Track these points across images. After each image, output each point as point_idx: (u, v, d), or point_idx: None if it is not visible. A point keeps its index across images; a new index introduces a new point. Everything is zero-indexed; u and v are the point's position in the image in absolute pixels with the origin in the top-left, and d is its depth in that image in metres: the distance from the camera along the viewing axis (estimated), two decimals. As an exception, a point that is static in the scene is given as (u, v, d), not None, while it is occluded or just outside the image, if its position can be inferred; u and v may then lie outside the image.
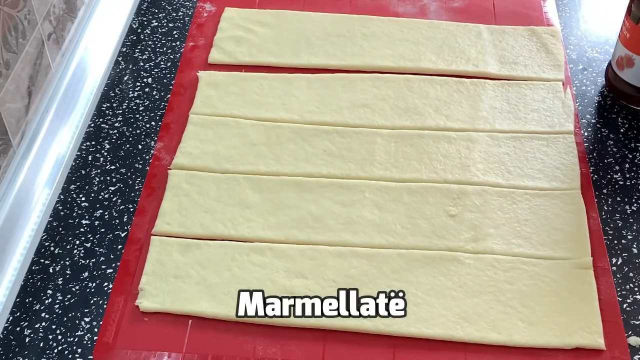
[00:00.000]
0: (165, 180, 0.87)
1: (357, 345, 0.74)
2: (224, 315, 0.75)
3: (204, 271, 0.78)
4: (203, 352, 0.73)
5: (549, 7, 1.09)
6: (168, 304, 0.76)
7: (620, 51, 0.94)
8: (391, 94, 0.96)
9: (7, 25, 0.83)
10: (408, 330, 0.74)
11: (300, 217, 0.83)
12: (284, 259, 0.79)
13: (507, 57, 1.01)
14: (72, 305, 0.77)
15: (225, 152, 0.90)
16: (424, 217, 0.83)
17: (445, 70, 0.99)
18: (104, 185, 0.88)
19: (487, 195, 0.85)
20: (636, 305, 0.77)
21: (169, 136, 0.92)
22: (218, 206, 0.84)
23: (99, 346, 0.73)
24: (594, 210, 0.84)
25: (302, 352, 0.73)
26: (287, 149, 0.90)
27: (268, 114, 0.94)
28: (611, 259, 0.81)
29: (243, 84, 0.98)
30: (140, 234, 0.83)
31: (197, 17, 1.08)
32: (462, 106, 0.95)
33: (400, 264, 0.79)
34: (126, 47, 1.05)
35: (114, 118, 0.96)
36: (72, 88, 0.98)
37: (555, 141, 0.91)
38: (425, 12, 1.09)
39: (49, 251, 0.82)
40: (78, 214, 0.85)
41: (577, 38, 1.06)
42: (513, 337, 0.73)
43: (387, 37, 1.04)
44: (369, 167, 0.88)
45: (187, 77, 1.00)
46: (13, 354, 0.74)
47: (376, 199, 0.85)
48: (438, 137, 0.91)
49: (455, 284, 0.77)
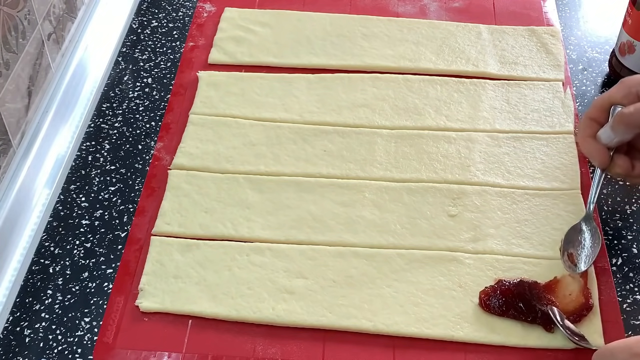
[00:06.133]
0: (165, 180, 0.87)
1: (357, 345, 0.74)
2: (224, 315, 0.75)
3: (204, 271, 0.79)
4: (203, 352, 0.73)
5: (549, 7, 1.09)
6: (168, 304, 0.76)
7: (623, 37, 0.96)
8: (391, 94, 0.96)
9: (7, 25, 0.83)
10: (408, 330, 0.74)
11: (300, 217, 0.83)
12: (283, 259, 0.79)
13: (507, 57, 1.01)
14: (72, 305, 0.77)
15: (225, 152, 0.90)
16: (424, 217, 0.83)
17: (445, 70, 0.99)
18: (104, 185, 0.88)
19: (487, 195, 0.85)
20: (636, 305, 0.77)
21: (169, 136, 0.92)
22: (218, 206, 0.84)
23: (99, 346, 0.73)
24: (594, 210, 0.84)
25: (302, 352, 0.73)
26: (287, 149, 0.90)
27: (268, 114, 0.94)
28: (611, 259, 0.81)
29: (243, 84, 0.98)
30: (140, 234, 0.83)
31: (197, 17, 1.08)
32: (462, 106, 0.95)
33: (400, 264, 0.79)
34: (126, 47, 1.05)
35: (114, 118, 0.96)
36: (72, 88, 0.98)
37: (555, 141, 0.91)
38: (425, 12, 1.09)
39: (49, 251, 0.82)
40: (78, 214, 0.85)
41: (577, 38, 1.06)
42: (513, 337, 0.73)
43: (387, 37, 1.04)
44: (369, 167, 0.88)
45: (187, 77, 1.00)
46: (13, 354, 0.74)
47: (376, 199, 0.85)
48: (438, 137, 0.91)
49: (455, 284, 0.77)
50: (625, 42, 0.95)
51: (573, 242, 0.78)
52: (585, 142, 0.79)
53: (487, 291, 0.75)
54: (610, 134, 0.76)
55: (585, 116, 0.80)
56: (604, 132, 0.77)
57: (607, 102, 0.78)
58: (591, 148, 0.78)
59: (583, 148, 0.79)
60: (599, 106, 0.79)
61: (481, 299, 0.75)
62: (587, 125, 0.79)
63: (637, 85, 0.77)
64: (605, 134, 0.77)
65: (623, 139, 0.77)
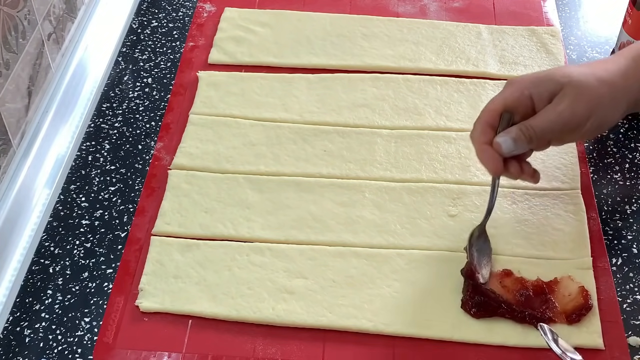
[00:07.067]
0: (165, 180, 0.87)
1: (357, 345, 0.74)
2: (224, 315, 0.75)
3: (204, 271, 0.79)
4: (203, 352, 0.73)
5: (549, 7, 1.09)
6: (168, 304, 0.76)
7: (623, 37, 0.96)
8: (391, 94, 0.96)
9: (7, 25, 0.83)
10: (408, 330, 0.74)
11: (300, 217, 0.83)
12: (283, 259, 0.79)
13: (507, 57, 1.01)
14: (72, 305, 0.77)
15: (225, 152, 0.90)
16: (424, 217, 0.83)
17: (445, 70, 0.99)
18: (104, 185, 0.88)
19: (487, 196, 0.85)
20: (636, 305, 0.77)
21: (169, 136, 0.92)
22: (218, 206, 0.84)
23: (99, 346, 0.73)
24: (594, 210, 0.84)
25: (302, 352, 0.73)
26: (287, 149, 0.90)
27: (268, 114, 0.94)
28: (611, 259, 0.81)
29: (243, 84, 0.98)
30: (140, 234, 0.83)
31: (197, 17, 1.08)
32: (462, 106, 0.95)
33: (400, 264, 0.79)
34: (126, 47, 1.05)
35: (114, 118, 0.96)
36: (72, 88, 0.98)
37: (555, 141, 0.91)
38: (425, 12, 1.09)
39: (49, 251, 0.82)
40: (78, 214, 0.85)
41: (577, 38, 1.06)
42: (512, 337, 0.73)
43: (387, 37, 1.04)
44: (369, 167, 0.88)
45: (187, 77, 1.00)
46: (13, 354, 0.74)
47: (376, 199, 0.85)
48: (438, 137, 0.91)
49: (455, 284, 0.77)
50: (625, 42, 0.95)
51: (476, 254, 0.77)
52: (482, 150, 0.76)
53: (466, 301, 0.75)
54: (511, 146, 0.75)
55: (481, 120, 0.77)
56: (504, 142, 0.75)
57: (501, 107, 0.76)
58: (487, 156, 0.76)
59: (479, 155, 0.77)
60: (493, 110, 0.76)
61: (467, 309, 0.75)
62: (483, 131, 0.76)
63: (529, 87, 0.75)
64: (506, 144, 0.75)
65: (522, 151, 0.76)
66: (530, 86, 0.76)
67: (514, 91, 0.76)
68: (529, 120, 0.75)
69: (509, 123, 0.76)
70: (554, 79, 0.75)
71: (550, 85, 0.75)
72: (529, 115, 0.76)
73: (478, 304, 0.74)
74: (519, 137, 0.74)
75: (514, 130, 0.75)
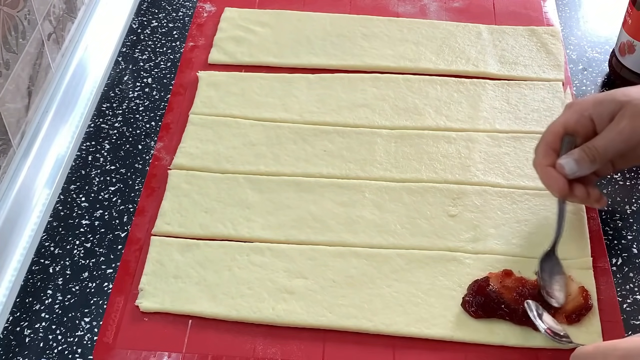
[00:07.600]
0: (165, 180, 0.87)
1: (357, 345, 0.74)
2: (224, 315, 0.75)
3: (204, 271, 0.79)
4: (203, 352, 0.73)
5: (549, 7, 1.09)
6: (168, 304, 0.76)
7: (623, 37, 0.96)
8: (391, 94, 0.96)
9: (7, 25, 0.83)
10: (408, 330, 0.74)
11: (300, 217, 0.83)
12: (284, 259, 0.79)
13: (507, 57, 1.01)
14: (72, 305, 0.77)
15: (225, 152, 0.90)
16: (424, 217, 0.83)
17: (445, 70, 0.99)
18: (104, 185, 0.88)
19: (487, 195, 0.85)
20: (636, 305, 0.77)
21: (169, 136, 0.92)
22: (218, 206, 0.84)
23: (99, 346, 0.73)
24: (594, 210, 0.84)
25: (302, 352, 0.73)
26: (287, 149, 0.90)
27: (268, 114, 0.94)
28: (611, 259, 0.81)
29: (243, 84, 0.98)
30: (140, 234, 0.83)
31: (197, 17, 1.08)
32: (462, 106, 0.95)
33: (400, 264, 0.79)
34: (126, 47, 1.05)
35: (114, 118, 0.96)
36: (72, 88, 0.98)
37: (555, 141, 0.91)
38: (425, 12, 1.09)
39: (49, 251, 0.82)
40: (78, 214, 0.85)
41: (577, 38, 1.06)
42: (512, 338, 0.73)
43: (387, 37, 1.04)
44: (369, 167, 0.88)
45: (187, 77, 1.00)
46: (13, 354, 0.74)
47: (376, 199, 0.85)
48: (438, 137, 0.91)
49: (455, 284, 0.77)
50: (625, 42, 0.95)
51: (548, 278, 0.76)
52: (545, 172, 0.77)
53: (467, 300, 0.75)
54: (574, 167, 0.75)
55: (542, 144, 0.78)
56: (567, 163, 0.75)
57: (562, 129, 0.77)
58: (551, 178, 0.76)
59: (543, 177, 0.78)
60: (555, 133, 0.77)
61: (467, 310, 0.75)
62: (545, 154, 0.77)
63: (589, 109, 0.76)
64: (569, 165, 0.75)
65: (586, 172, 0.76)
66: (590, 108, 0.76)
67: (574, 113, 0.77)
68: (591, 141, 0.75)
69: (571, 146, 0.76)
70: (614, 99, 0.75)
71: (610, 106, 0.75)
72: (590, 137, 0.76)
73: (478, 303, 0.74)
74: (581, 158, 0.75)
75: (576, 152, 0.75)
